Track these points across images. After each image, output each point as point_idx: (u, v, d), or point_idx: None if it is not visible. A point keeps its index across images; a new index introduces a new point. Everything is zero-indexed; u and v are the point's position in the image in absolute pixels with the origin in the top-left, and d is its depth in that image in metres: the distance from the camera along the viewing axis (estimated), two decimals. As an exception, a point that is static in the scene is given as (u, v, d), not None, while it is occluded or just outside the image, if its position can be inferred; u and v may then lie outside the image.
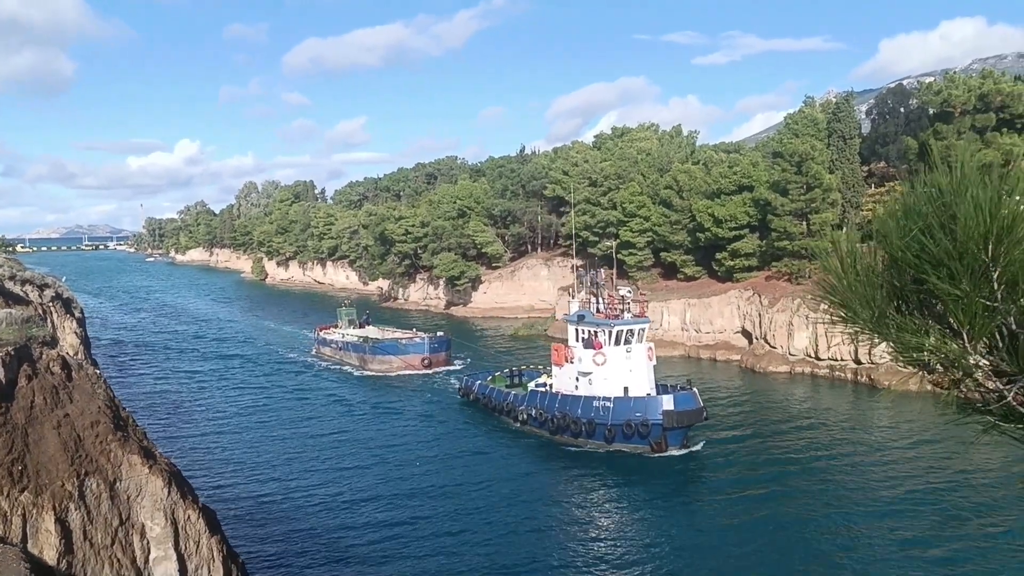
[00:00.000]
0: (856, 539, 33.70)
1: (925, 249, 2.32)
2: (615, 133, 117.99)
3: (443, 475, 43.64)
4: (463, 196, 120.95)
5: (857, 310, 2.54)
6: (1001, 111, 67.76)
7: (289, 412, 59.20)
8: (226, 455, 47.75)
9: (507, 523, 36.40)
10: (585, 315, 51.38)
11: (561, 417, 49.07)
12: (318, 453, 48.01)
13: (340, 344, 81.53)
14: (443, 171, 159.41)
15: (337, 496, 40.04)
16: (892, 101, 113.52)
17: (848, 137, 78.49)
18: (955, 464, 43.50)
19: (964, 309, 2.24)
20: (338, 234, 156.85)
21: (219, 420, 56.95)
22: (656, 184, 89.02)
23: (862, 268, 2.49)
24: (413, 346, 75.32)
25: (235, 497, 39.32)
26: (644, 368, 49.51)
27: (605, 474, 43.90)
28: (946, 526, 34.42)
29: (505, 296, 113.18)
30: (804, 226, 73.13)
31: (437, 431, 53.72)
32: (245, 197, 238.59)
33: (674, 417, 45.33)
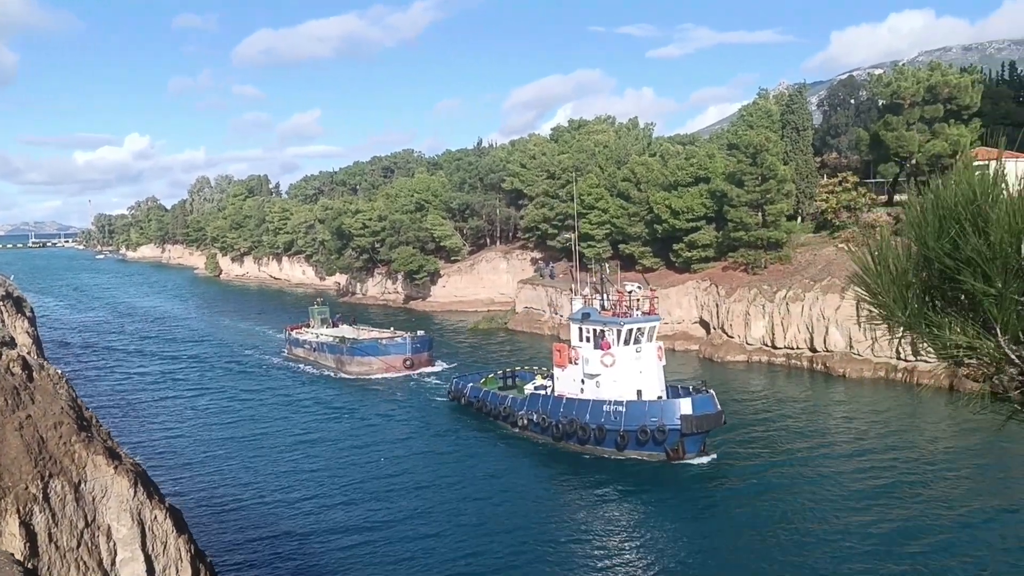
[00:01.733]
0: (826, 525, 34.36)
1: (958, 249, 2.40)
2: (572, 126, 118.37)
3: (435, 483, 41.01)
4: (421, 189, 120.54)
5: (892, 308, 2.63)
6: (948, 102, 69.32)
7: (261, 416, 56.23)
8: (194, 457, 46.20)
9: (510, 535, 33.91)
10: (591, 313, 47.77)
11: (567, 423, 45.44)
12: (295, 458, 45.70)
13: (314, 344, 77.38)
14: (400, 164, 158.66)
15: (315, 501, 38.34)
16: (843, 93, 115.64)
17: (801, 129, 79.72)
18: (911, 444, 44.59)
19: (998, 306, 2.33)
20: (294, 229, 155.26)
21: (186, 422, 54.79)
22: (614, 176, 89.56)
23: (895, 266, 2.57)
24: (394, 346, 71.06)
25: (204, 498, 38.55)
26: (655, 369, 46.23)
27: (616, 484, 40.48)
28: (912, 502, 35.26)
29: (464, 290, 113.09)
30: (759, 217, 74.15)
31: (426, 437, 50.33)
32: (197, 192, 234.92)
33: (693, 422, 41.86)
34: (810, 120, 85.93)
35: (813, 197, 76.72)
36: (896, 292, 2.61)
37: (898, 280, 2.60)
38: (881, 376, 61.29)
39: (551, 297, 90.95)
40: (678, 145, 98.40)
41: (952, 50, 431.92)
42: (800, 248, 73.20)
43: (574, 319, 49.30)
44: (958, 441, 45.95)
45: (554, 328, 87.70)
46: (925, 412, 52.98)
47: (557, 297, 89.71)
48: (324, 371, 72.28)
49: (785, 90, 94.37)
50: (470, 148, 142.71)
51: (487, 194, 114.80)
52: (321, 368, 73.39)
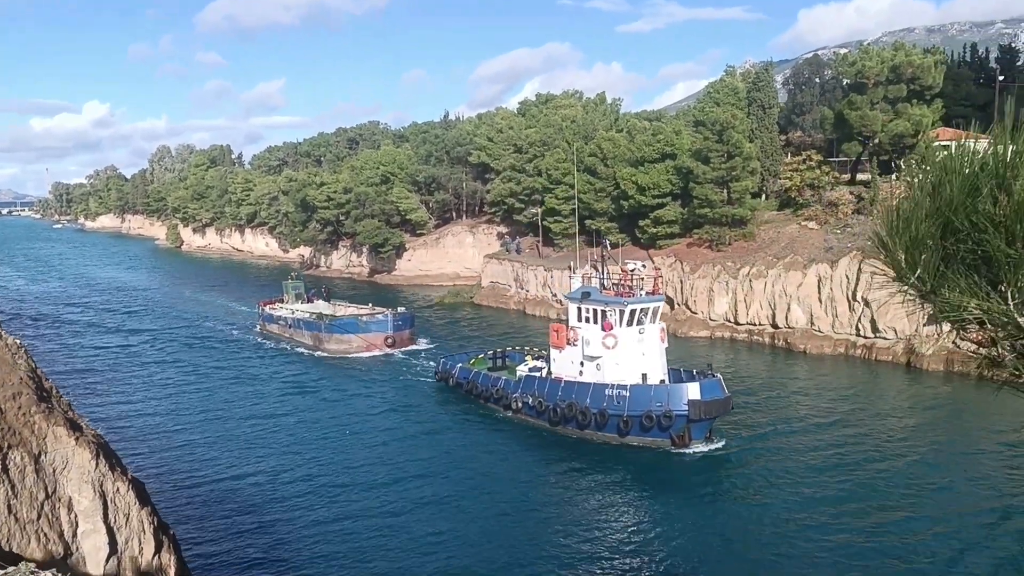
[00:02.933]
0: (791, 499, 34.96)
1: (980, 212, 2.43)
2: (539, 100, 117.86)
3: (421, 467, 39.26)
4: (386, 162, 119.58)
5: (904, 270, 2.65)
6: (912, 82, 70.10)
7: (232, 393, 54.60)
8: (160, 432, 44.98)
9: (503, 523, 32.72)
10: (591, 292, 45.54)
11: (565, 406, 43.38)
12: (269, 437, 44.39)
13: (290, 321, 74.43)
14: (365, 136, 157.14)
15: (288, 481, 37.32)
16: (808, 72, 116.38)
17: (767, 107, 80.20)
18: (875, 417, 45.45)
19: (1014, 269, 2.36)
20: (257, 200, 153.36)
21: (151, 397, 53.36)
22: (581, 151, 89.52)
23: (916, 228, 2.59)
24: (375, 324, 68.47)
25: (169, 472, 37.97)
26: (657, 351, 44.40)
27: (617, 470, 39.06)
28: (878, 475, 36.02)
29: (430, 263, 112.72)
30: (724, 194, 74.65)
31: (412, 419, 48.20)
32: (158, 161, 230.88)
33: (701, 407, 40.11)
34: (776, 98, 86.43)
35: (777, 175, 77.37)
36: (911, 254, 2.63)
37: (916, 241, 2.62)
38: (841, 352, 62.32)
39: (517, 272, 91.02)
40: (645, 121, 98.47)
41: (916, 31, 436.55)
42: (764, 225, 73.90)
43: (572, 298, 46.74)
44: (919, 416, 47.08)
45: (520, 303, 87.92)
46: (885, 387, 54.08)
47: (523, 272, 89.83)
48: (300, 348, 70.06)
49: (751, 68, 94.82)
50: (437, 121, 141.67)
51: (453, 168, 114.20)
52: (297, 345, 71.08)
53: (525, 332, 74.26)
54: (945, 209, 2.49)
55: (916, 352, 57.81)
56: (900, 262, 2.64)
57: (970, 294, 2.48)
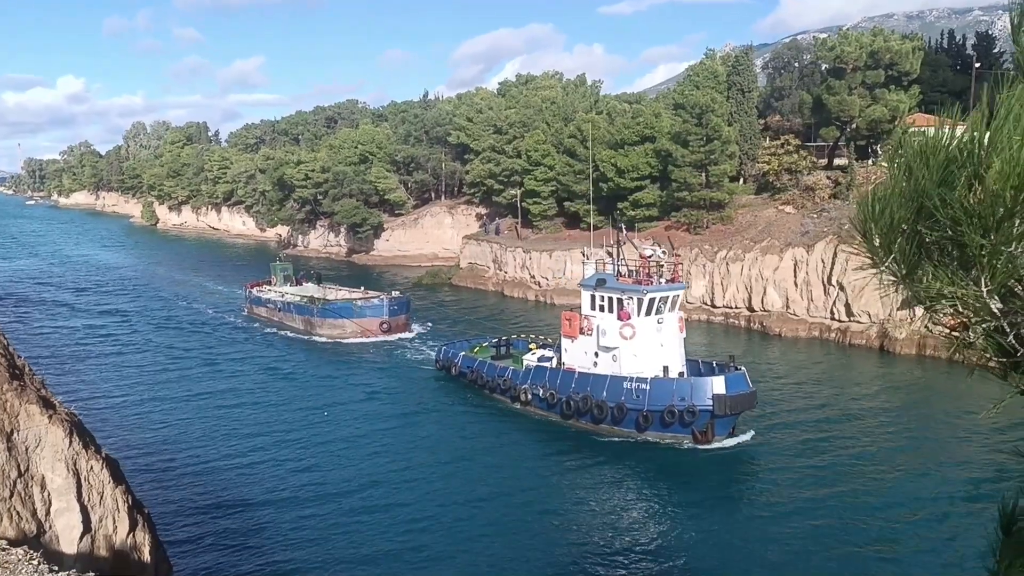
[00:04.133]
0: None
1: (954, 200, 2.47)
2: (519, 80, 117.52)
3: (421, 458, 37.52)
4: (365, 141, 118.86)
5: (880, 254, 2.71)
6: (890, 68, 70.46)
7: (214, 377, 52.55)
8: (137, 414, 43.77)
9: (512, 520, 30.96)
10: (607, 279, 43.22)
11: (580, 399, 41.30)
12: (255, 423, 42.85)
13: (280, 304, 71.72)
14: (344, 115, 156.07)
15: (275, 467, 36.16)
16: (787, 56, 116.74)
17: (746, 90, 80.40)
18: (844, 399, 46.02)
19: (989, 256, 2.41)
20: (234, 178, 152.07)
21: (129, 379, 51.91)
22: (560, 133, 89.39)
23: (892, 213, 2.64)
24: (370, 308, 65.92)
25: (146, 452, 37.44)
26: (676, 342, 42.43)
27: (635, 467, 37.04)
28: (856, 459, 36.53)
29: (408, 244, 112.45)
30: (703, 177, 74.89)
31: (412, 409, 45.96)
32: (134, 138, 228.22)
33: (726, 402, 38.10)
34: (755, 82, 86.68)
35: (756, 159, 77.69)
36: (887, 238, 2.69)
37: (892, 226, 2.67)
38: (815, 336, 62.93)
39: (496, 253, 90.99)
40: (625, 104, 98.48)
41: (895, 17, 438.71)
42: (742, 209, 74.27)
43: (586, 285, 44.35)
44: (892, 398, 47.73)
45: (498, 284, 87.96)
46: (859, 370, 54.69)
47: (502, 253, 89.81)
48: (290, 333, 67.67)
49: (731, 51, 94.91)
50: (416, 100, 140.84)
51: (432, 148, 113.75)
52: (287, 329, 68.59)
53: (512, 315, 74.11)
54: (919, 195, 2.54)
55: (889, 336, 58.51)
56: (876, 247, 2.69)
57: (945, 280, 2.53)
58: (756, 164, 77.53)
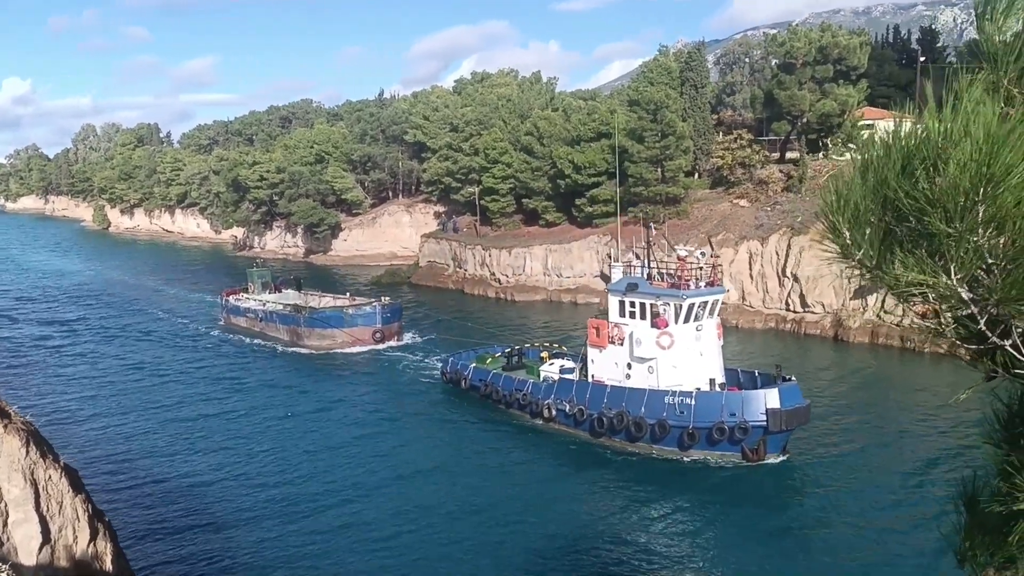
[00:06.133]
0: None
1: (917, 191, 2.62)
2: (475, 78, 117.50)
3: (434, 481, 34.61)
4: (320, 141, 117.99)
5: (849, 247, 2.86)
6: (838, 63, 71.76)
7: (191, 393, 49.73)
8: (104, 427, 42.36)
9: (544, 548, 28.44)
10: (638, 283, 39.62)
11: (614, 416, 37.69)
12: (235, 439, 40.58)
13: (261, 313, 67.78)
14: (298, 114, 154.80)
15: (263, 483, 34.35)
16: (738, 52, 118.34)
17: (700, 86, 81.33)
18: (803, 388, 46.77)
19: (956, 245, 2.56)
20: (187, 180, 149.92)
21: (97, 394, 49.41)
22: (517, 130, 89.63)
23: (858, 206, 2.79)
24: (362, 316, 62.16)
25: (110, 465, 36.68)
26: (715, 351, 39.26)
27: (684, 491, 33.78)
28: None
29: (366, 243, 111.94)
30: (659, 172, 75.63)
31: (420, 426, 42.71)
32: (83, 140, 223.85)
33: (781, 418, 34.70)
34: (708, 78, 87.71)
35: (710, 154, 78.65)
36: (855, 231, 2.84)
37: (859, 219, 2.82)
38: (772, 327, 63.97)
39: (455, 251, 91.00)
40: (580, 100, 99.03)
41: (842, 12, 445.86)
42: (697, 203, 75.16)
43: (615, 290, 40.85)
44: (847, 385, 48.63)
45: (458, 282, 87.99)
46: (815, 359, 55.69)
47: (461, 251, 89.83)
48: (274, 344, 63.80)
49: (684, 48, 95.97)
50: (372, 99, 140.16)
51: (389, 146, 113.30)
52: (270, 340, 64.67)
53: (500, 317, 72.97)
54: (883, 187, 2.70)
55: (843, 325, 59.70)
56: (845, 239, 2.85)
57: (915, 269, 2.69)
58: (710, 159, 78.50)
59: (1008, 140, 2.57)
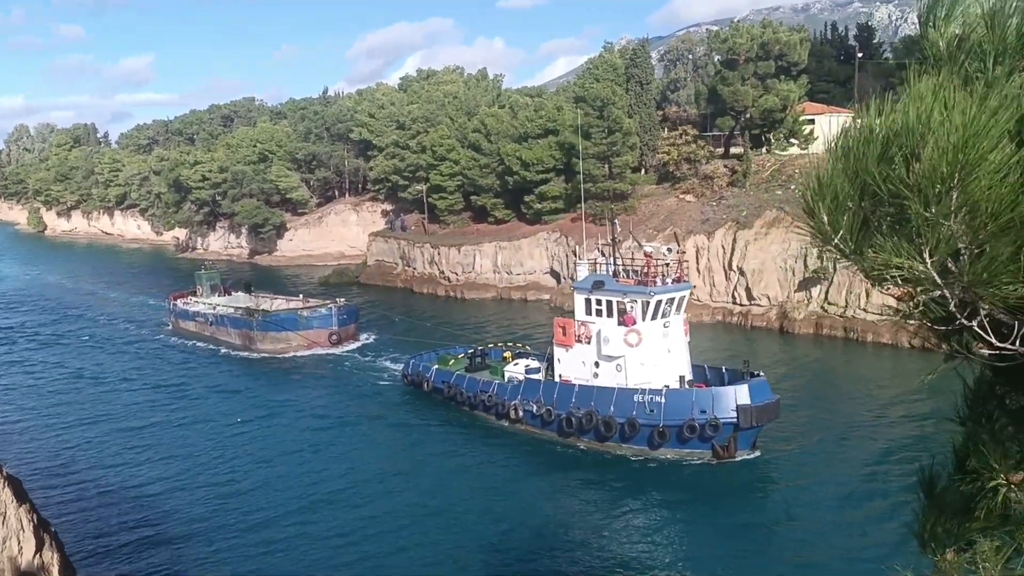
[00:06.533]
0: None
1: (895, 177, 2.69)
2: (421, 76, 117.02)
3: (397, 485, 33.90)
4: (264, 139, 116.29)
5: (828, 232, 2.92)
6: (779, 59, 73.05)
7: (139, 400, 47.87)
8: (46, 437, 41.15)
9: (513, 551, 28.04)
10: (605, 281, 39.36)
11: (582, 415, 37.35)
12: (187, 446, 39.52)
13: (211, 317, 65.96)
14: (240, 113, 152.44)
15: (219, 495, 33.20)
16: (681, 49, 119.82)
17: (645, 83, 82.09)
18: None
19: (931, 230, 2.63)
20: (126, 181, 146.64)
21: (42, 404, 47.84)
22: (464, 128, 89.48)
23: (837, 192, 2.84)
24: (317, 319, 60.96)
25: (56, 477, 35.66)
26: (682, 348, 39.18)
27: (649, 489, 33.78)
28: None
29: (313, 243, 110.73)
30: (606, 169, 76.16)
31: (382, 431, 41.79)
32: (16, 141, 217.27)
33: (752, 414, 34.83)
34: (652, 74, 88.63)
35: (656, 149, 79.44)
36: (834, 216, 2.90)
37: (838, 205, 2.89)
38: (719, 320, 64.87)
39: (404, 250, 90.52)
40: (527, 97, 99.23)
41: (781, 9, 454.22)
42: (644, 199, 75.86)
43: (580, 288, 40.30)
44: (797, 374, 49.51)
45: (407, 281, 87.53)
46: (762, 351, 56.60)
47: (410, 250, 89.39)
48: (225, 349, 62.34)
49: (628, 44, 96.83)
50: (315, 97, 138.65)
51: (334, 145, 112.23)
52: (221, 345, 63.16)
53: (456, 316, 72.13)
54: (861, 174, 2.76)
55: (789, 317, 60.82)
56: (824, 224, 2.91)
57: (892, 253, 2.76)
58: (656, 155, 79.29)
59: (984, 127, 2.64)
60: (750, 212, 66.70)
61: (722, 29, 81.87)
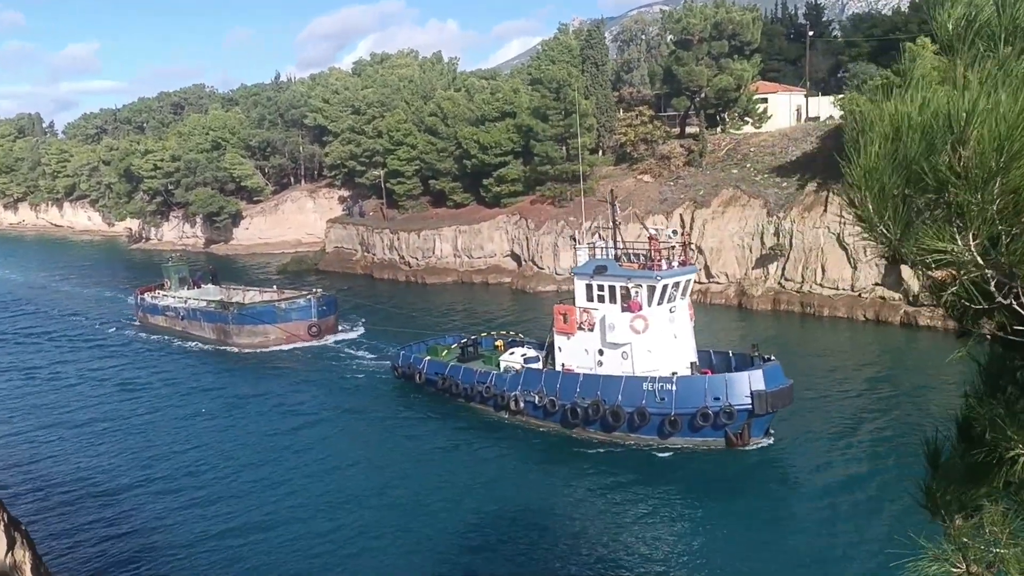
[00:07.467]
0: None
1: (941, 165, 2.86)
2: (375, 59, 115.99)
3: (397, 482, 32.85)
4: (216, 127, 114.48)
5: (873, 219, 3.09)
6: (733, 38, 73.78)
7: (111, 400, 46.20)
8: (12, 436, 40.36)
9: (524, 549, 27.08)
10: (607, 265, 37.87)
11: (589, 405, 36.14)
12: (161, 447, 38.23)
13: (183, 312, 63.84)
14: (191, 100, 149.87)
15: (204, 495, 32.24)
16: (634, 29, 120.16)
17: (600, 64, 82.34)
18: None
19: (977, 215, 2.82)
20: (75, 172, 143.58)
21: (2, 404, 46.42)
22: (421, 111, 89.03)
23: (883, 181, 3.01)
24: (296, 311, 58.89)
25: (29, 475, 35.14)
26: (688, 333, 37.97)
27: (661, 480, 32.62)
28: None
29: (269, 231, 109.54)
30: (564, 151, 76.43)
31: (376, 427, 40.27)
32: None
33: (766, 400, 33.72)
34: (607, 55, 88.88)
35: (613, 131, 79.85)
36: (880, 205, 3.06)
37: (884, 194, 3.04)
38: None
39: (363, 236, 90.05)
40: (482, 80, 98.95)
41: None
42: (603, 180, 76.21)
43: (581, 273, 38.73)
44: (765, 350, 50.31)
45: (367, 267, 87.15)
46: (720, 327, 57.51)
47: (369, 236, 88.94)
48: (198, 344, 60.37)
49: (582, 26, 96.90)
50: (268, 83, 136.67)
51: (289, 131, 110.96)
52: (194, 340, 61.19)
53: (433, 302, 71.21)
54: (908, 163, 2.93)
55: (747, 294, 61.82)
56: (870, 213, 3.08)
57: (937, 238, 2.92)
58: (613, 136, 79.70)
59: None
60: (707, 191, 67.51)
61: (675, 9, 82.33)
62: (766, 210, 63.02)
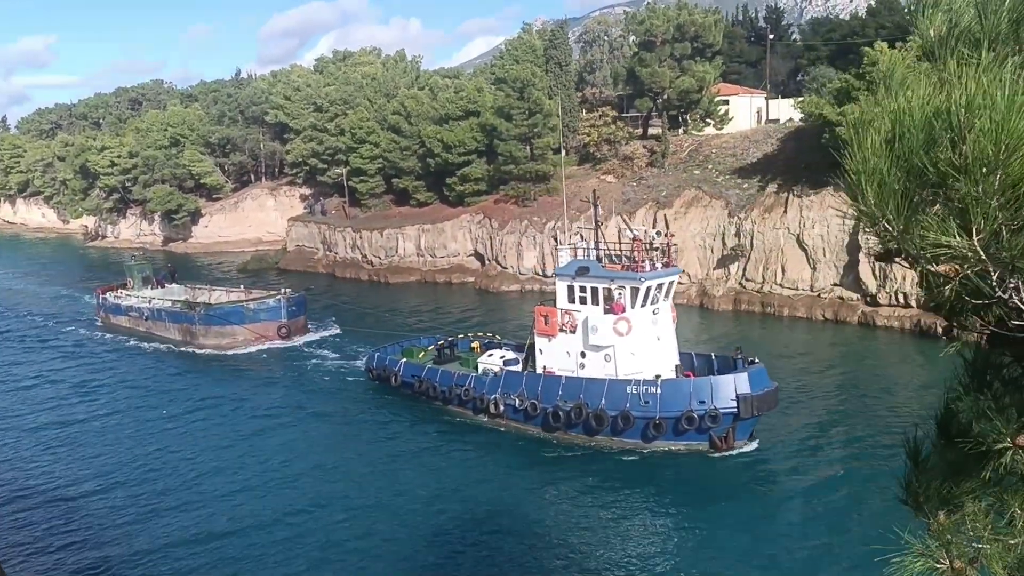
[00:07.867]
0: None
1: (942, 160, 2.90)
2: (337, 57, 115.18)
3: (372, 488, 32.18)
4: (175, 123, 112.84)
5: (875, 214, 3.13)
6: (695, 40, 74.49)
7: (71, 405, 44.64)
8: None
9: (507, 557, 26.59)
10: (590, 266, 37.32)
11: (571, 408, 35.41)
12: (133, 449, 37.28)
13: (147, 312, 62.24)
14: (149, 96, 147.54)
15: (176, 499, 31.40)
16: (598, 30, 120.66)
17: (564, 64, 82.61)
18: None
19: (979, 208, 2.86)
20: (29, 168, 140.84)
21: None
22: (384, 110, 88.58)
23: (885, 176, 3.05)
24: (265, 311, 57.69)
25: None
26: (671, 335, 37.65)
27: (644, 484, 32.21)
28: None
29: (229, 229, 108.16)
30: (528, 150, 76.56)
31: (349, 431, 39.32)
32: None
33: (752, 403, 33.37)
34: (571, 56, 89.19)
35: (576, 131, 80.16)
36: (881, 199, 3.09)
37: (884, 188, 3.07)
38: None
39: (324, 234, 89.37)
40: (447, 79, 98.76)
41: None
42: (566, 180, 76.46)
43: (563, 274, 38.09)
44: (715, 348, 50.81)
45: (328, 266, 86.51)
46: (682, 326, 57.87)
47: (331, 234, 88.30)
48: (163, 345, 58.71)
49: (546, 25, 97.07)
50: (228, 79, 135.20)
51: (249, 128, 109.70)
52: (158, 341, 59.58)
53: (406, 303, 70.42)
54: (910, 157, 2.97)
55: (708, 294, 62.44)
56: (871, 207, 3.12)
57: (940, 232, 2.97)
58: (576, 136, 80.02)
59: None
60: (669, 192, 68.07)
61: (638, 11, 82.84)
62: (727, 211, 63.72)
